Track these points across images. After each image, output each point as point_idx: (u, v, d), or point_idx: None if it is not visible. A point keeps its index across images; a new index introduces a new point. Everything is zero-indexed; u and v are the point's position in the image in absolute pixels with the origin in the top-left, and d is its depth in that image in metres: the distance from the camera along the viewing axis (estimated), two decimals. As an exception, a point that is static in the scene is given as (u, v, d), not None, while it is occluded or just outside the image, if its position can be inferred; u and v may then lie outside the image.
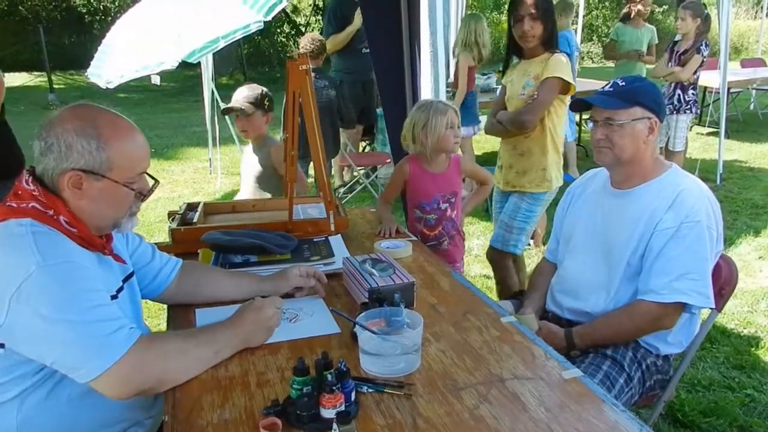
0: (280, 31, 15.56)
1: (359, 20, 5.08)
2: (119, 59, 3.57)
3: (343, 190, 5.73)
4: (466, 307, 1.71)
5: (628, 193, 1.93)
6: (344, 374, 1.23)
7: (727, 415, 2.49)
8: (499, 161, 3.03)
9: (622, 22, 6.22)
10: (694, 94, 5.18)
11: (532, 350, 1.47)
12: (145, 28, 3.63)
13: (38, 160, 1.35)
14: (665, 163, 1.95)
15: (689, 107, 5.17)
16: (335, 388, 1.18)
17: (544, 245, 4.18)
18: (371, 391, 1.29)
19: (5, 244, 1.28)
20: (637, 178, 1.91)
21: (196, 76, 9.54)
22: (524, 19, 2.70)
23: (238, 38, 3.34)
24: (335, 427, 1.08)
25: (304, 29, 14.73)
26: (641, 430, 1.17)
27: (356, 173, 5.83)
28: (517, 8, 2.73)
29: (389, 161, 5.23)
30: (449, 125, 2.39)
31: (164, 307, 1.80)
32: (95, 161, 1.34)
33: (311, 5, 15.97)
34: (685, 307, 1.82)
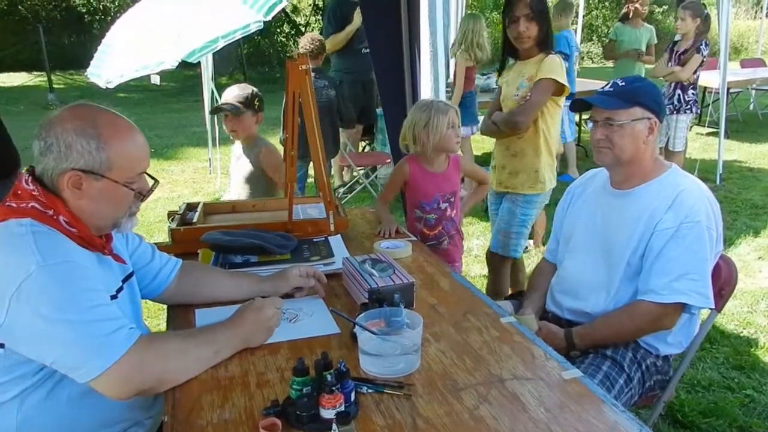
0: (279, 31, 15.56)
1: (358, 20, 5.08)
2: (119, 59, 3.56)
3: (342, 190, 5.73)
4: (465, 307, 1.71)
5: (628, 193, 1.93)
6: (344, 374, 1.23)
7: (726, 415, 2.49)
8: (492, 162, 3.03)
9: (621, 22, 6.24)
10: (694, 94, 5.18)
11: (531, 351, 1.47)
12: (145, 27, 3.63)
13: (38, 160, 1.35)
14: (665, 163, 1.95)
15: (689, 107, 5.18)
16: (335, 388, 1.18)
17: (544, 245, 4.18)
18: (371, 391, 1.29)
19: (5, 244, 1.28)
20: (636, 178, 1.91)
21: (195, 76, 9.54)
22: (519, 20, 2.68)
23: (237, 38, 3.33)
24: (335, 427, 1.08)
25: (304, 29, 14.74)
26: (641, 430, 1.17)
27: (356, 173, 5.83)
28: (512, 9, 2.71)
29: (389, 161, 5.23)
30: (450, 125, 2.40)
31: (164, 307, 1.80)
32: (95, 161, 1.34)
33: (311, 5, 15.98)
34: (684, 307, 1.82)
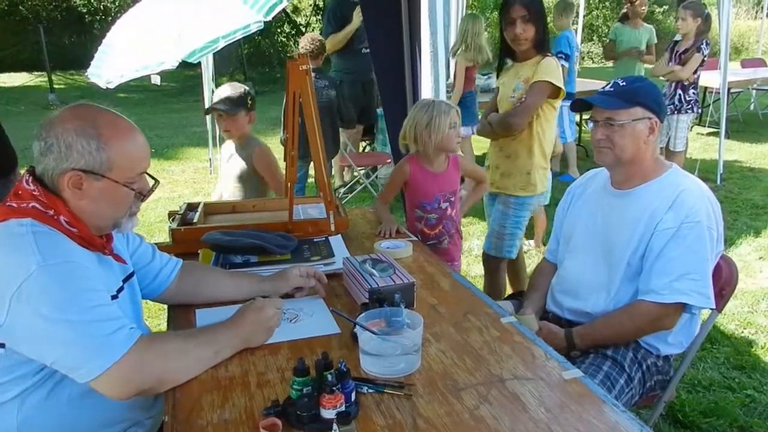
0: (280, 31, 15.56)
1: (358, 19, 5.08)
2: (119, 59, 3.56)
3: (343, 190, 5.73)
4: (466, 307, 1.71)
5: (628, 193, 1.93)
6: (344, 375, 1.23)
7: (727, 415, 2.49)
8: (486, 162, 3.03)
9: (620, 22, 6.25)
10: (694, 93, 5.18)
11: (532, 351, 1.47)
12: (145, 28, 3.62)
13: (38, 160, 1.35)
14: (665, 163, 1.95)
15: (690, 107, 5.18)
16: (335, 388, 1.18)
17: (544, 245, 4.18)
18: (371, 391, 1.29)
19: (6, 243, 1.28)
20: (637, 178, 1.91)
21: (196, 76, 9.55)
22: (516, 22, 2.67)
23: (238, 38, 3.33)
24: (335, 427, 1.08)
25: (304, 29, 14.73)
26: (641, 430, 1.17)
27: (356, 173, 5.83)
28: (508, 11, 2.70)
29: (389, 161, 5.23)
30: (452, 125, 2.40)
31: (164, 307, 1.80)
32: (95, 161, 1.34)
33: (311, 5, 15.97)
34: (685, 307, 1.82)
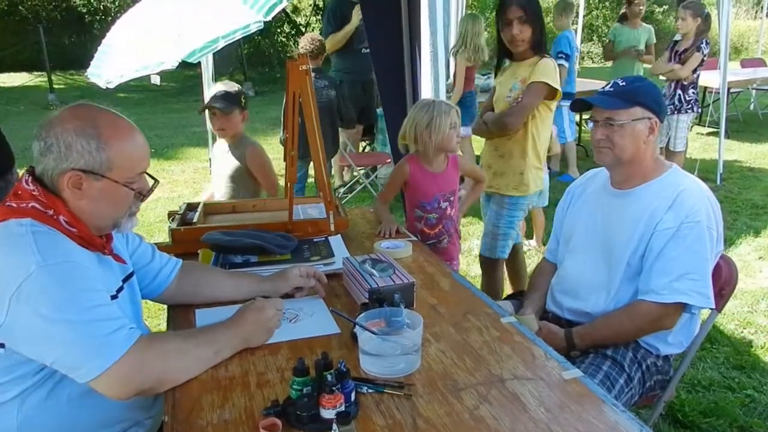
0: (280, 31, 15.55)
1: (357, 18, 5.08)
2: (119, 59, 3.56)
3: (343, 190, 5.73)
4: (466, 307, 1.71)
5: (628, 193, 1.93)
6: (344, 375, 1.22)
7: (727, 415, 2.49)
8: (481, 161, 3.04)
9: (619, 22, 6.26)
10: (694, 93, 5.18)
11: (532, 351, 1.47)
12: (145, 28, 3.62)
13: (38, 160, 1.35)
14: (665, 163, 1.95)
15: (690, 107, 5.18)
16: (335, 388, 1.18)
17: (544, 245, 4.17)
18: (371, 391, 1.29)
19: (5, 243, 1.28)
20: (637, 178, 1.91)
21: (196, 76, 9.54)
22: (513, 23, 2.66)
23: (238, 38, 3.33)
24: (335, 427, 1.08)
25: (304, 29, 14.72)
26: (641, 430, 1.17)
27: (356, 173, 5.83)
28: (505, 12, 2.69)
29: (389, 161, 5.23)
30: (452, 125, 2.40)
31: (164, 307, 1.80)
32: (95, 161, 1.34)
33: (311, 5, 15.97)
34: (685, 307, 1.82)
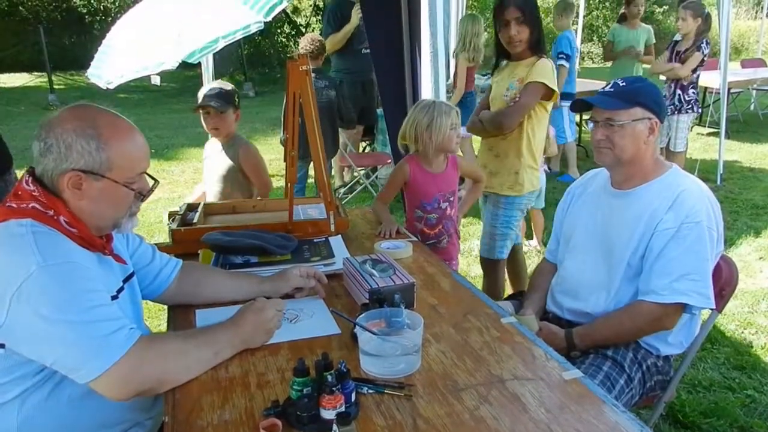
0: (280, 31, 15.55)
1: (356, 18, 5.08)
2: (119, 59, 3.56)
3: (343, 190, 5.73)
4: (466, 307, 1.71)
5: (628, 193, 1.93)
6: (344, 375, 1.22)
7: (727, 415, 2.49)
8: (478, 161, 3.03)
9: (618, 23, 6.26)
10: (694, 93, 5.18)
11: (532, 351, 1.47)
12: (145, 28, 3.62)
13: (38, 160, 1.35)
14: (665, 163, 1.95)
15: (690, 107, 5.18)
16: (335, 389, 1.18)
17: (544, 245, 4.17)
18: (371, 392, 1.29)
19: (6, 244, 1.28)
20: (637, 178, 1.91)
21: (196, 76, 9.55)
22: (510, 24, 2.66)
23: (238, 39, 3.33)
24: (335, 428, 1.08)
25: (304, 30, 14.72)
26: (642, 430, 1.17)
27: (356, 173, 5.83)
28: (502, 13, 2.68)
29: (389, 161, 5.23)
30: (452, 126, 2.40)
31: (164, 307, 1.80)
32: (95, 161, 1.34)
33: (311, 5, 15.97)
34: (685, 307, 1.82)
